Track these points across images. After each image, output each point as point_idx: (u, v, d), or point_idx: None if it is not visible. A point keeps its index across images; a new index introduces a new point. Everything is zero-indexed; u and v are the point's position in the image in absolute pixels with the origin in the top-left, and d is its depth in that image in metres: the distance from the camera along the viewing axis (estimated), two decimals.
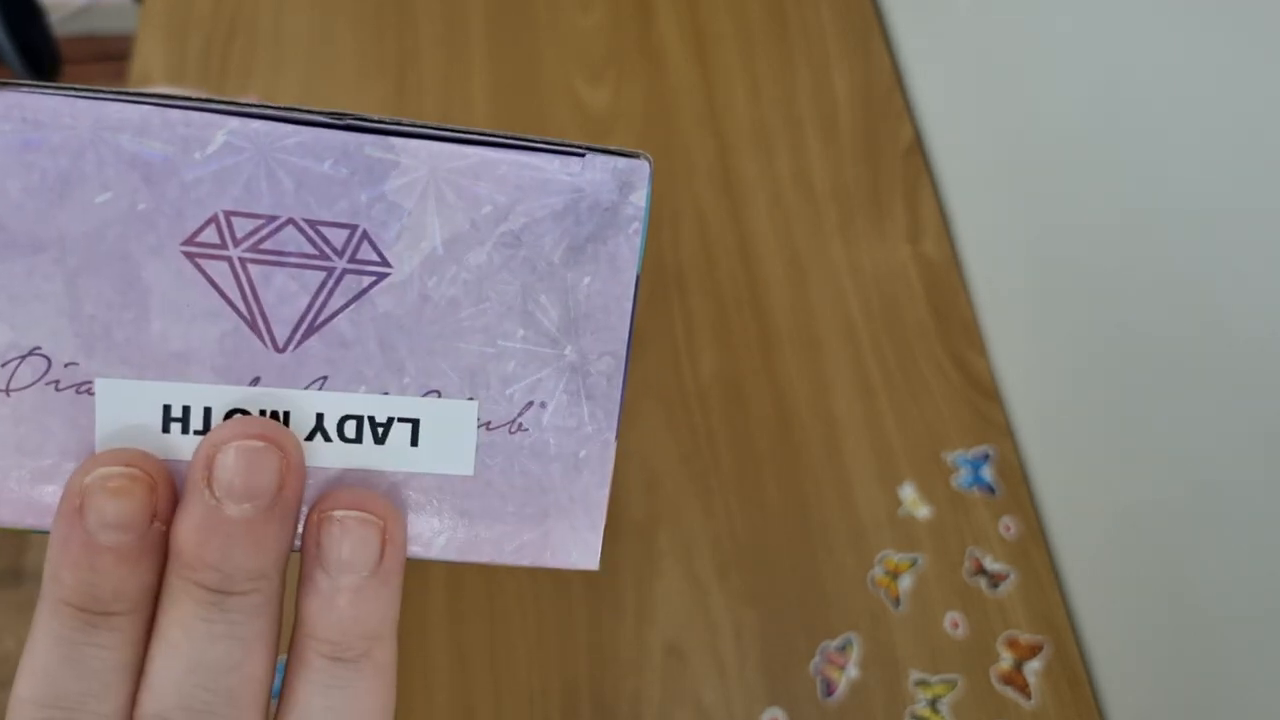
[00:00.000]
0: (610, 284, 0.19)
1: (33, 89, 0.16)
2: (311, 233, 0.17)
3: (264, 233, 0.17)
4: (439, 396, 0.18)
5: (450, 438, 0.19)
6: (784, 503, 0.49)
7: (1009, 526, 0.49)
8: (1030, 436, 0.51)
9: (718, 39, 0.63)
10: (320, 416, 0.18)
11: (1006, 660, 0.46)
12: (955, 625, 0.47)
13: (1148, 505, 0.42)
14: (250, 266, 0.17)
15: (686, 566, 0.47)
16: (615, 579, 0.47)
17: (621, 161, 0.18)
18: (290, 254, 0.17)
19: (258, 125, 0.17)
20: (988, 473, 0.50)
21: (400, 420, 0.18)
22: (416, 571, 0.46)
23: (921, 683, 0.45)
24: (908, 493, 0.49)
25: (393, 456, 0.18)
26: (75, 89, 0.17)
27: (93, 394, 0.17)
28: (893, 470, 0.50)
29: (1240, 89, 0.34)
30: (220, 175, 0.17)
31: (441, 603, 0.46)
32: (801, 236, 0.56)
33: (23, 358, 0.17)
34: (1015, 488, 0.50)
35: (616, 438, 0.19)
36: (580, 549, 0.20)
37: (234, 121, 0.17)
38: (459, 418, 0.19)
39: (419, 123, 0.18)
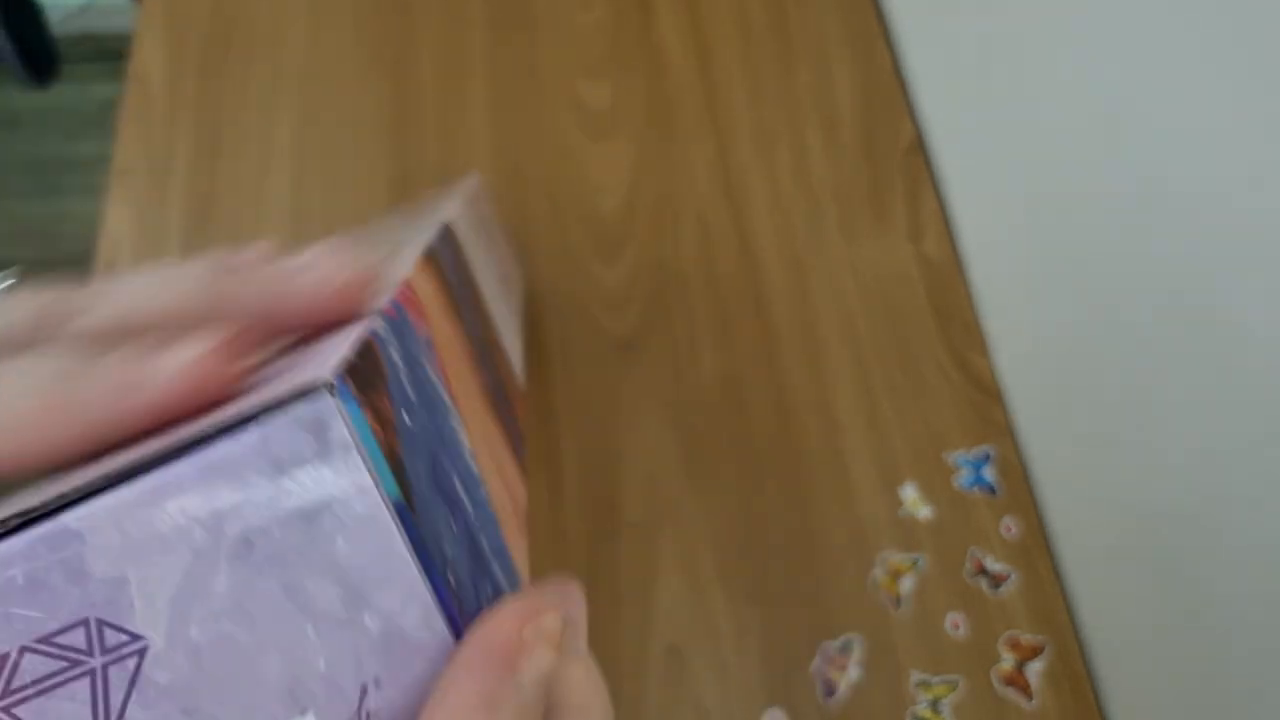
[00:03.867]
0: (365, 531, 0.16)
1: None
2: (50, 649, 0.16)
3: (5, 674, 0.15)
4: None
5: None
6: (784, 503, 0.49)
7: (1010, 527, 0.49)
8: (1031, 436, 0.51)
9: (718, 38, 0.63)
10: None
11: (1008, 661, 0.46)
12: (956, 626, 0.46)
13: (1149, 505, 0.42)
14: (15, 710, 0.16)
15: (687, 567, 0.47)
16: (615, 579, 0.47)
17: (300, 408, 0.16)
18: (44, 679, 0.16)
19: None
20: (989, 473, 0.50)
21: None
22: None
23: (923, 683, 0.45)
24: (909, 493, 0.49)
25: None
26: None
27: None
28: (894, 471, 0.50)
29: (1241, 88, 0.34)
30: None
31: None
32: (802, 236, 0.56)
33: None
34: (1016, 488, 0.50)
35: None
36: None
37: None
38: None
39: (84, 482, 0.16)
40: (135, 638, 0.16)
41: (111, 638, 0.16)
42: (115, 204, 0.56)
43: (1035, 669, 0.46)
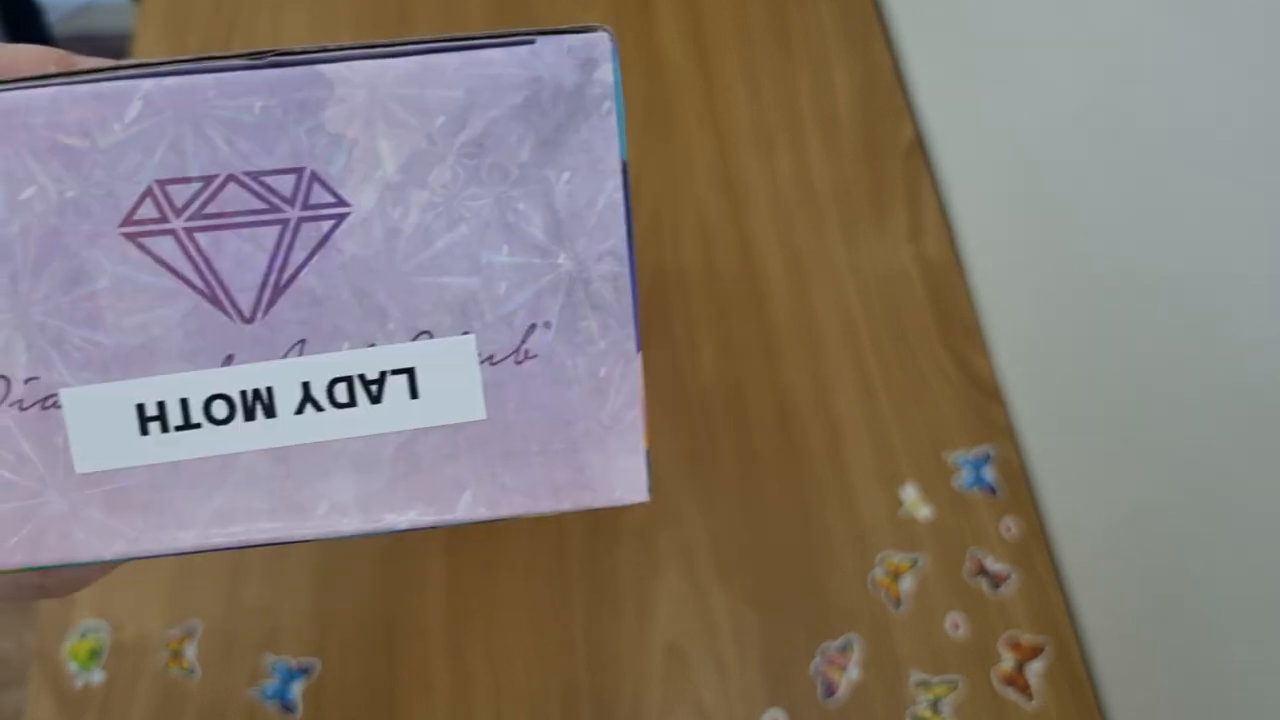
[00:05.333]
0: (593, 175, 0.17)
1: None
2: (256, 185, 0.16)
3: (205, 196, 0.16)
4: (430, 338, 0.17)
5: (452, 381, 0.17)
6: (784, 503, 0.49)
7: (1010, 527, 0.49)
8: (1032, 436, 0.51)
9: (718, 39, 0.63)
10: (306, 385, 0.16)
11: (1008, 661, 0.46)
12: (956, 626, 0.46)
13: (1149, 505, 0.42)
14: (198, 235, 0.16)
15: (687, 567, 0.47)
16: (615, 579, 0.47)
17: (576, 39, 0.16)
18: (238, 213, 0.16)
19: (173, 81, 0.15)
20: (989, 473, 0.50)
21: (394, 372, 0.17)
22: (414, 569, 0.46)
23: (923, 684, 0.45)
24: (909, 493, 0.49)
25: (394, 414, 0.17)
26: None
27: (60, 407, 0.16)
28: (894, 471, 0.50)
29: (1242, 87, 0.34)
30: (145, 143, 0.16)
31: (441, 603, 0.46)
32: (802, 236, 0.56)
33: None
34: (1016, 488, 0.50)
35: (639, 349, 0.18)
36: (624, 481, 0.18)
37: (147, 83, 0.15)
38: (457, 357, 0.17)
39: (348, 44, 0.16)
40: (340, 202, 0.16)
41: (317, 194, 0.16)
42: None
43: (1035, 669, 0.46)
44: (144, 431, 0.16)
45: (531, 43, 0.16)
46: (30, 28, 1.12)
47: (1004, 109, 0.51)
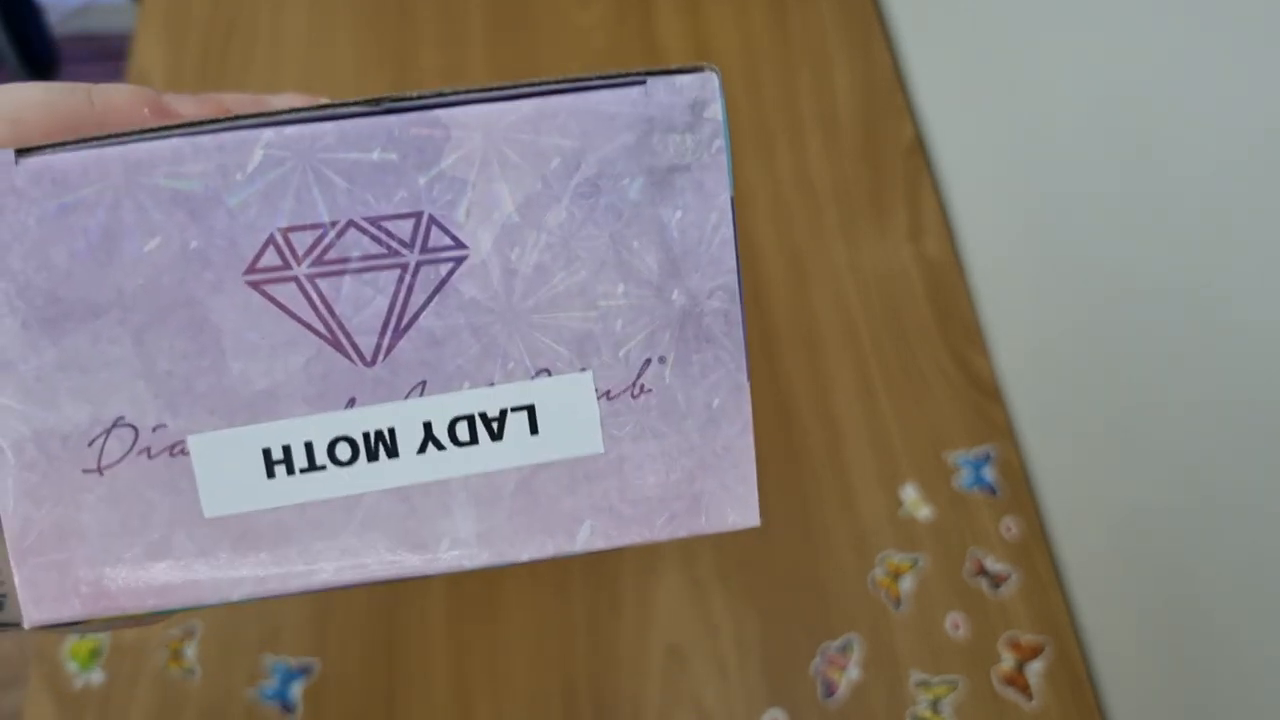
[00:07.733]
0: (704, 212, 0.17)
1: (56, 148, 0.15)
2: (375, 231, 0.16)
3: (326, 242, 0.16)
4: (549, 375, 0.17)
5: (571, 417, 0.17)
6: (785, 503, 0.49)
7: (1010, 527, 0.49)
8: (1032, 437, 0.51)
9: (718, 38, 0.63)
10: (428, 425, 0.17)
11: (1008, 661, 0.46)
12: (956, 626, 0.46)
13: (1149, 505, 0.42)
14: (319, 281, 0.16)
15: (687, 567, 0.47)
16: (615, 579, 0.47)
17: (686, 79, 0.17)
18: (358, 258, 0.16)
19: (293, 130, 0.16)
20: (989, 473, 0.50)
21: (514, 410, 0.17)
22: None
23: (923, 684, 0.45)
24: (909, 493, 0.49)
25: (514, 451, 0.17)
26: (99, 138, 0.16)
27: (188, 453, 0.16)
28: (894, 471, 0.50)
29: (1243, 88, 0.34)
30: (267, 192, 0.16)
31: (441, 602, 0.46)
32: (802, 236, 0.56)
33: (108, 431, 0.16)
34: (1017, 488, 0.50)
35: (748, 378, 0.18)
36: (736, 507, 0.19)
37: (268, 133, 0.16)
38: (576, 393, 0.17)
39: (462, 89, 0.16)
40: (458, 244, 0.17)
41: (436, 238, 0.17)
42: None
43: (1035, 669, 0.46)
44: (270, 475, 0.17)
45: (642, 83, 0.17)
46: (30, 28, 1.11)
47: (1004, 109, 0.51)
